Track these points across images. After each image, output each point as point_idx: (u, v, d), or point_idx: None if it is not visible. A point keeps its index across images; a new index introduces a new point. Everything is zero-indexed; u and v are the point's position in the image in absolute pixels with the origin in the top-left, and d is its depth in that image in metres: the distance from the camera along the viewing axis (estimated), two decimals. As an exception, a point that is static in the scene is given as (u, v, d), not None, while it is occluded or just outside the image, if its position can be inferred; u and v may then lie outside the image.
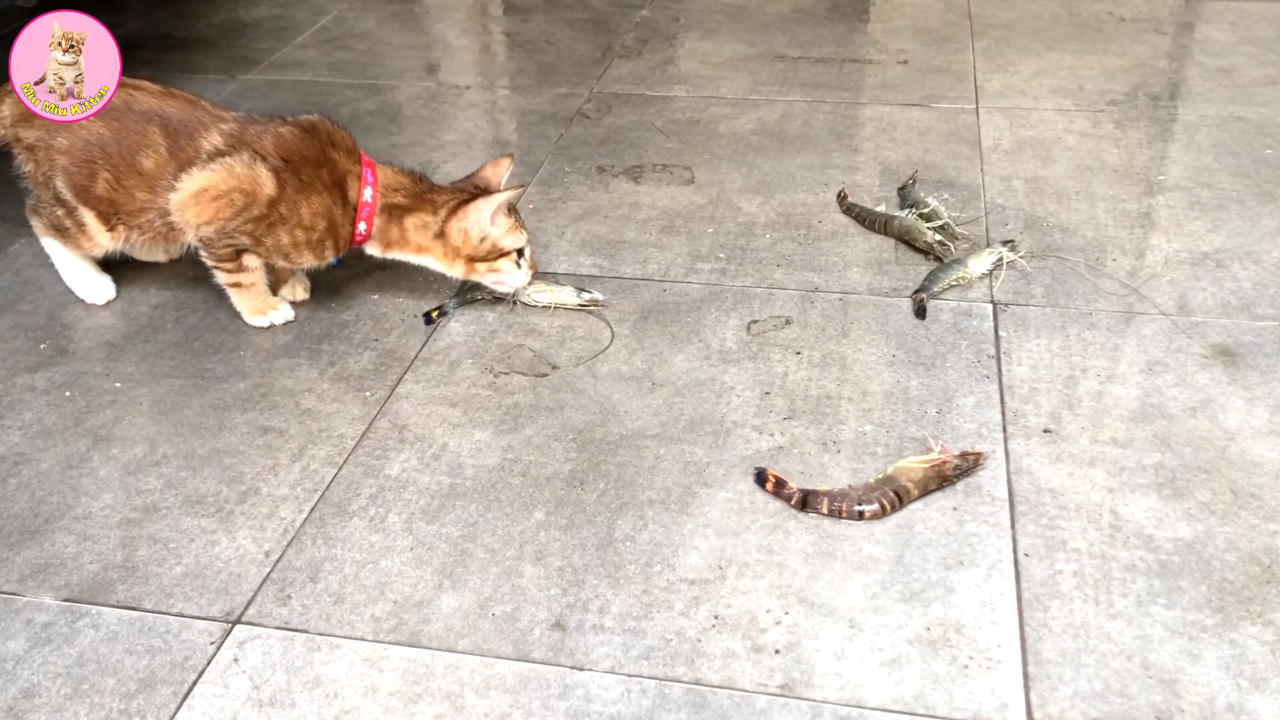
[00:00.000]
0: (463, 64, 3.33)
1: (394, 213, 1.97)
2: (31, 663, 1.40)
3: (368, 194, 1.94)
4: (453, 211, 1.96)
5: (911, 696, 1.33)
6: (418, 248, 1.99)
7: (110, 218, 1.96)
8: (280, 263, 1.98)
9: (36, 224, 2.07)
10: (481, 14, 3.79)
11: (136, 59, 3.22)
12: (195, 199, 1.87)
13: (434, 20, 3.68)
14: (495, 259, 1.99)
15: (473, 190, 1.99)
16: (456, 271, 2.00)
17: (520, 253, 2.01)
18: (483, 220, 1.95)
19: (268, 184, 1.87)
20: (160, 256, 2.22)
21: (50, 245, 2.08)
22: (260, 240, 1.91)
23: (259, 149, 1.88)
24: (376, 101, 2.99)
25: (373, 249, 2.01)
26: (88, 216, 1.97)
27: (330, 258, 1.98)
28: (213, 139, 1.89)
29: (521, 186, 2.05)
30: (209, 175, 1.86)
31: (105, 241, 2.00)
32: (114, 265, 2.16)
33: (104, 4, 2.02)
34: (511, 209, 1.99)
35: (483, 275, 2.00)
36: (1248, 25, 3.32)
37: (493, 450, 1.73)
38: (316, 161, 1.91)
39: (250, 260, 1.96)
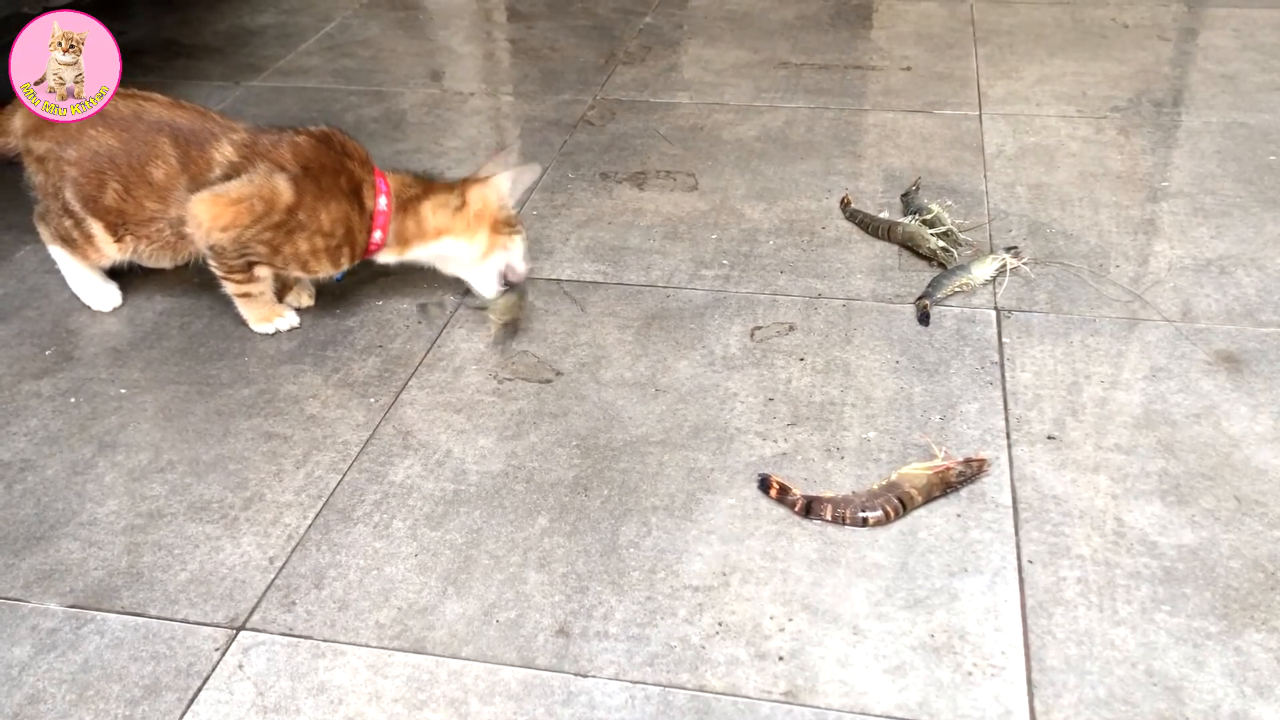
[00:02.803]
0: (467, 71, 3.34)
1: (409, 206, 1.98)
2: (37, 669, 1.40)
3: (383, 202, 1.95)
4: (472, 182, 1.99)
5: (915, 703, 1.33)
6: (437, 231, 1.99)
7: (118, 228, 1.97)
8: (296, 272, 1.98)
9: (44, 231, 2.08)
10: (485, 21, 3.80)
11: (141, 65, 3.24)
12: (213, 203, 1.87)
13: (438, 27, 3.69)
14: (512, 233, 2.01)
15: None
16: (478, 246, 1.98)
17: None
18: (504, 186, 1.99)
19: (286, 192, 1.87)
20: (166, 264, 2.22)
21: (57, 253, 2.09)
22: (278, 249, 1.91)
23: (277, 159, 1.89)
24: (380, 108, 3.00)
25: (388, 255, 2.01)
26: (95, 228, 1.98)
27: (345, 265, 1.99)
28: (224, 150, 1.90)
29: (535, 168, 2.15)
30: (228, 185, 1.87)
31: (112, 253, 2.01)
32: (120, 272, 2.17)
33: (109, 10, 2.02)
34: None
35: (500, 250, 2.00)
36: (1251, 32, 3.32)
37: (497, 456, 1.73)
38: (334, 170, 1.92)
39: (262, 271, 1.97)
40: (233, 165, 1.89)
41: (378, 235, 1.96)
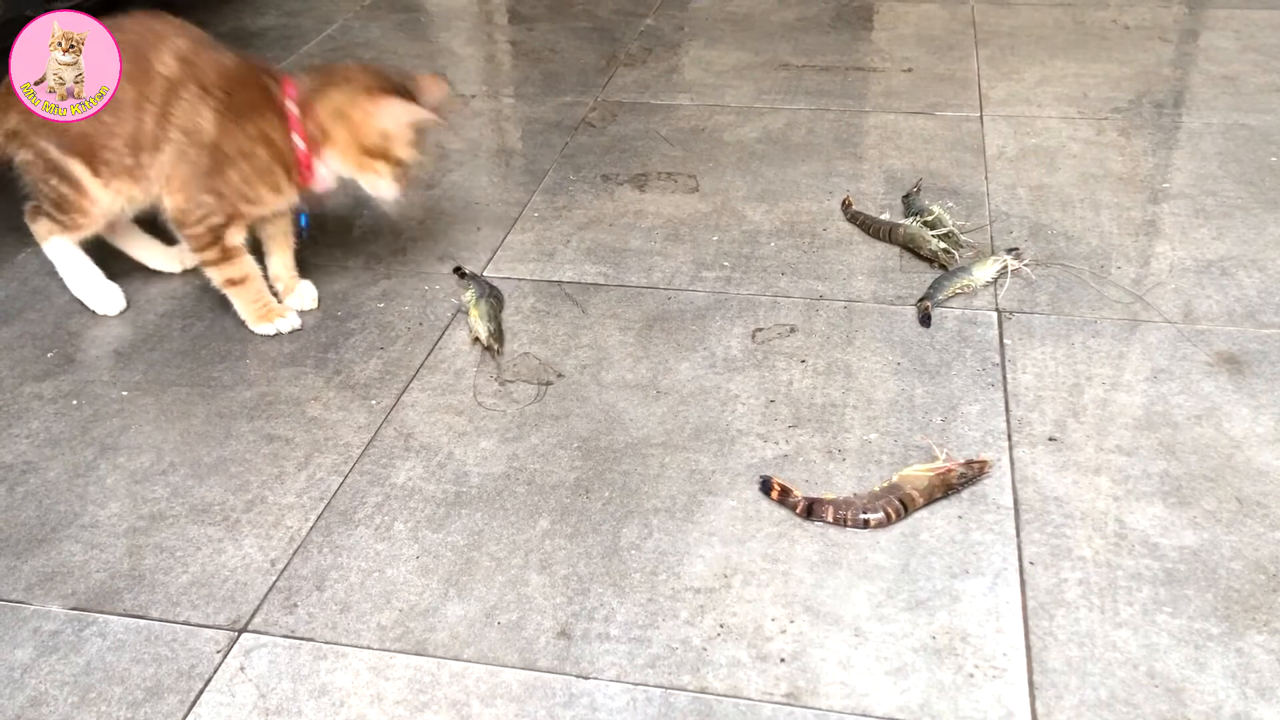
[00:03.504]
0: (468, 73, 3.34)
1: (309, 105, 1.94)
2: (39, 671, 1.40)
3: (293, 108, 1.93)
4: (371, 92, 1.91)
5: (917, 705, 1.33)
6: (323, 136, 1.94)
7: (95, 161, 1.95)
8: (248, 209, 1.96)
9: (39, 227, 2.07)
10: (486, 23, 3.80)
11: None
12: (167, 188, 1.94)
13: (439, 29, 3.69)
14: (381, 161, 1.95)
15: (399, 85, 1.95)
16: (352, 159, 1.95)
17: (402, 166, 1.97)
18: (393, 118, 1.91)
19: (209, 126, 1.90)
20: (174, 267, 2.23)
21: (55, 246, 2.08)
22: (220, 193, 1.92)
23: (203, 82, 1.90)
24: (382, 110, 3.00)
25: (321, 168, 1.97)
26: (78, 169, 1.96)
27: (287, 187, 1.96)
28: (165, 60, 1.91)
29: (442, 122, 2.00)
30: (167, 168, 1.92)
31: (102, 196, 1.98)
32: (122, 275, 2.17)
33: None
34: (421, 132, 1.98)
35: (365, 173, 1.96)
36: (1251, 33, 3.32)
37: (498, 459, 1.73)
38: (249, 84, 1.93)
39: (233, 237, 1.96)
40: (169, 81, 1.90)
41: (300, 142, 1.93)
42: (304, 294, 2.12)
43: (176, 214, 1.95)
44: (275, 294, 2.09)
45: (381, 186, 1.98)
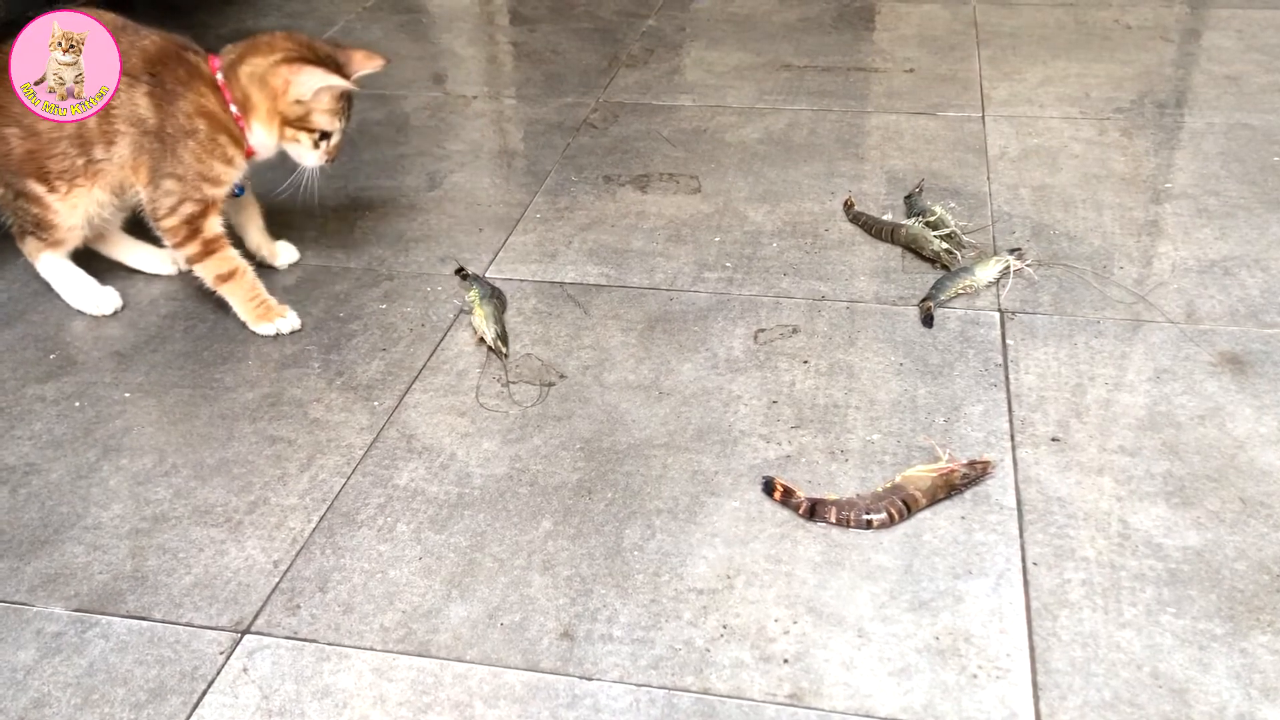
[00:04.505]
0: (469, 74, 3.34)
1: (232, 72, 1.93)
2: (42, 673, 1.40)
3: (220, 78, 1.93)
4: (287, 60, 1.91)
5: (920, 706, 1.32)
6: (245, 103, 1.93)
7: (47, 176, 1.96)
8: (210, 190, 1.95)
9: (28, 246, 2.09)
10: (488, 24, 3.80)
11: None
12: (132, 178, 1.96)
13: (441, 30, 3.69)
14: (300, 130, 1.96)
15: (324, 56, 1.95)
16: (274, 127, 1.95)
17: (326, 136, 1.99)
18: (307, 86, 1.91)
19: (148, 112, 1.90)
20: (168, 268, 2.23)
21: (46, 262, 2.09)
22: (180, 176, 1.92)
23: (130, 70, 1.90)
24: (384, 111, 3.00)
25: (257, 139, 1.97)
26: (37, 189, 1.97)
27: (235, 155, 1.96)
28: None
29: (353, 84, 1.99)
30: (126, 147, 1.92)
31: (62, 207, 1.99)
32: (123, 279, 2.17)
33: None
34: (346, 98, 1.98)
35: (286, 142, 1.98)
36: (1254, 33, 3.32)
37: (501, 460, 1.73)
38: (176, 60, 1.93)
39: (210, 227, 1.97)
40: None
41: (234, 108, 1.94)
42: (285, 252, 2.20)
43: (150, 206, 1.96)
44: (264, 267, 2.10)
45: (304, 155, 2.00)
